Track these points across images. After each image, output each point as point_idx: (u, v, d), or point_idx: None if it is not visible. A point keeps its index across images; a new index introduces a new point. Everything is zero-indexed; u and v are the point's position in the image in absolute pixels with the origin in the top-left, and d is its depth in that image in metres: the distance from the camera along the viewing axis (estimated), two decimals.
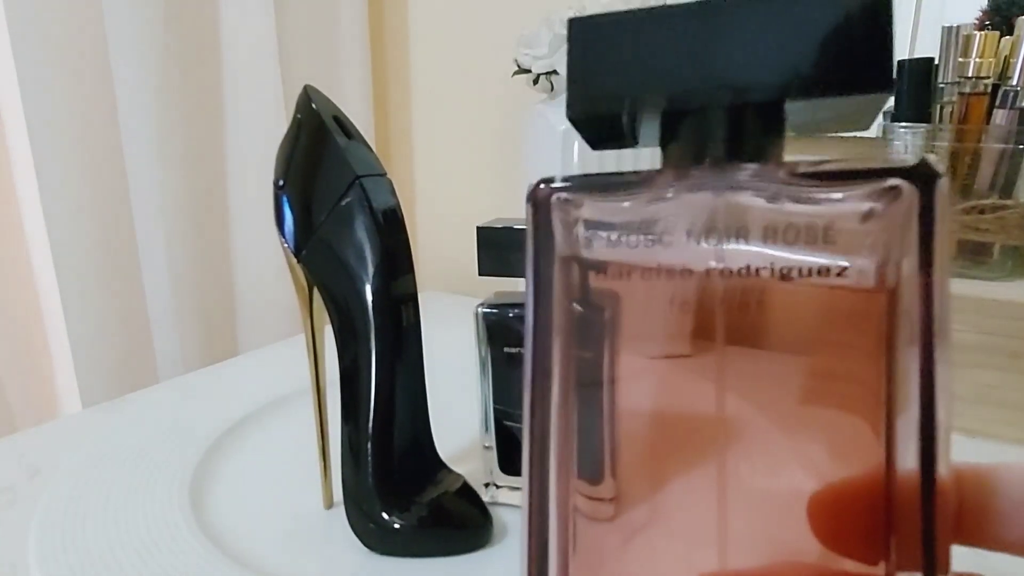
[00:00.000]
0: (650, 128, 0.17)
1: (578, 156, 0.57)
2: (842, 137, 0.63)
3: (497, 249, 0.36)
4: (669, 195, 0.16)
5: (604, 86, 0.16)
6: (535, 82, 0.69)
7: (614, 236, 0.16)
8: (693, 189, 0.16)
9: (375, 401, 0.34)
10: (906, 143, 0.52)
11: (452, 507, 0.36)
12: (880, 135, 0.59)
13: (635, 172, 0.16)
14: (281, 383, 0.55)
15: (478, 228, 0.36)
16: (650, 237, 0.16)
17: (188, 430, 0.47)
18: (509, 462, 0.38)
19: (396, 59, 0.92)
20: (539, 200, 0.16)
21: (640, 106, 0.16)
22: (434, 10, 0.88)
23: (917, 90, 0.54)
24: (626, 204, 0.16)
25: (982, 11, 0.60)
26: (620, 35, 0.15)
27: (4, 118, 0.84)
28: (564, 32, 0.60)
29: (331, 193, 0.33)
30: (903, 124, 0.52)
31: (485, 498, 0.39)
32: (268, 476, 0.43)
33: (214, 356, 0.81)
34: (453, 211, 0.91)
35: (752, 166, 0.15)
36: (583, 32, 0.16)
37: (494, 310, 0.37)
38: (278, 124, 0.78)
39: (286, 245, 0.34)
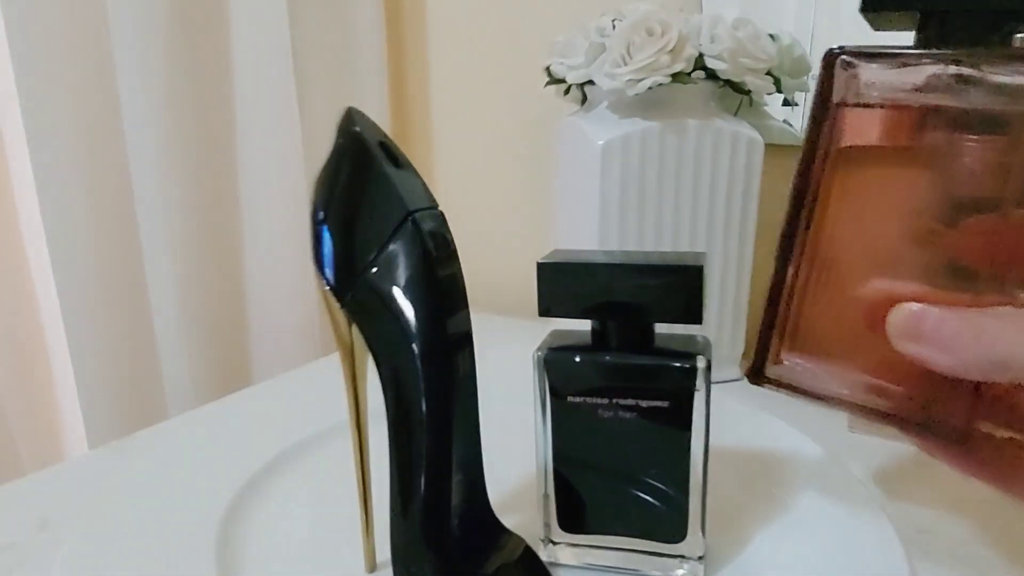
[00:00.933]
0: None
1: (620, 171, 0.53)
2: None
3: (561, 287, 0.32)
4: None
5: None
6: (566, 92, 0.65)
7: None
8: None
9: (427, 459, 0.30)
10: None
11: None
12: None
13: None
14: (307, 418, 0.51)
15: (539, 264, 0.32)
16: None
17: (210, 477, 0.44)
18: (570, 518, 0.35)
19: (415, 72, 0.88)
20: (827, 61, 0.27)
21: None
22: (455, 17, 0.84)
23: None
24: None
25: None
26: None
27: (2, 127, 0.80)
28: (601, 41, 0.57)
29: (380, 230, 0.29)
30: None
31: (542, 556, 0.35)
32: (301, 532, 0.39)
33: (226, 382, 0.77)
34: (480, 230, 0.88)
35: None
36: None
37: (556, 355, 0.33)
38: (292, 135, 0.74)
39: (327, 289, 0.30)
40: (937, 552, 0.37)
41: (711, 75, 0.54)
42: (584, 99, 0.64)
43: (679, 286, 0.31)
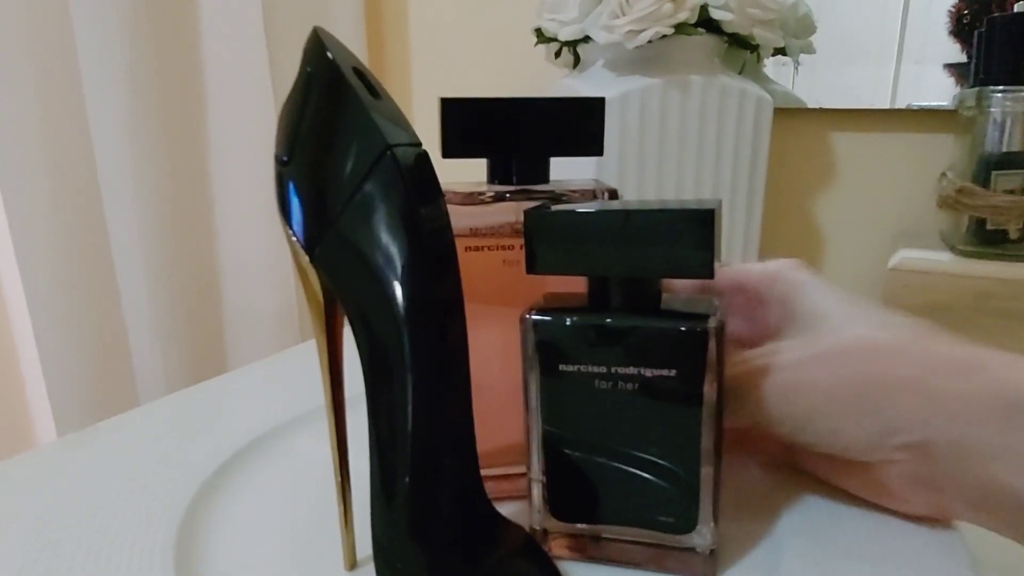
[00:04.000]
0: None
1: (619, 132, 0.49)
2: (917, 109, 0.56)
3: (554, 241, 0.28)
4: None
5: None
6: (557, 55, 0.61)
7: None
8: None
9: (412, 439, 0.26)
10: (1004, 110, 0.45)
11: (520, 572, 0.28)
12: (957, 105, 0.52)
13: None
14: (283, 406, 0.46)
15: (526, 213, 0.28)
16: None
17: (174, 469, 0.39)
18: (563, 505, 0.31)
19: (394, 36, 0.83)
20: None
21: None
22: None
23: (1010, 49, 0.47)
24: None
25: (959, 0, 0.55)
26: None
27: None
28: None
29: (354, 170, 0.25)
30: (1000, 88, 0.45)
31: None
32: (273, 528, 0.35)
33: (200, 370, 0.72)
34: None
35: None
36: None
37: (547, 317, 0.29)
38: (266, 105, 0.69)
39: (295, 239, 0.26)
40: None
41: (715, 29, 0.50)
42: (576, 62, 0.60)
43: (686, 233, 0.26)
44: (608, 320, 0.28)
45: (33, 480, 0.41)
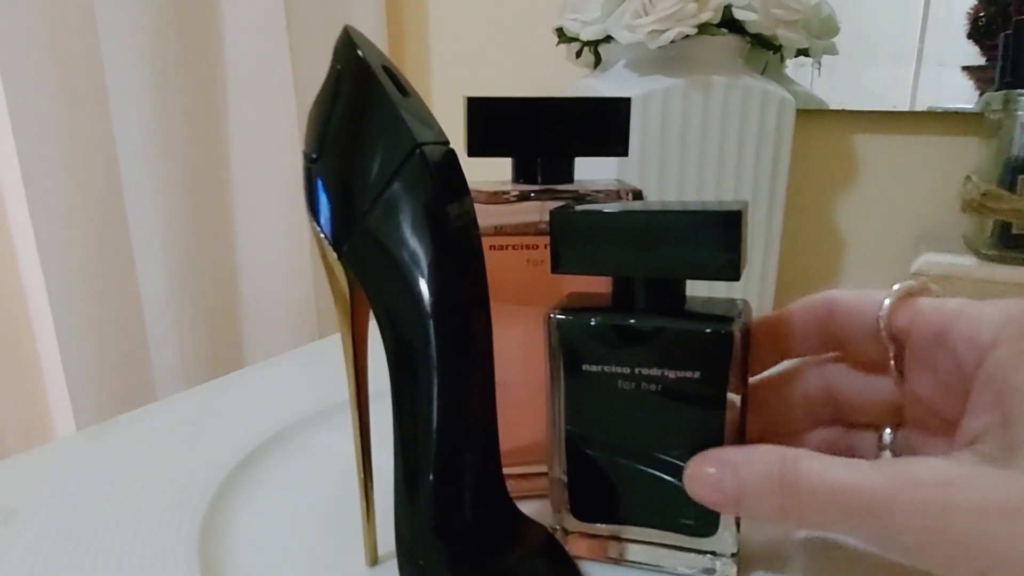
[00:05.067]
0: None
1: (640, 133, 0.49)
2: (941, 112, 0.56)
3: (579, 240, 0.28)
4: None
5: None
6: (578, 55, 0.61)
7: None
8: None
9: (437, 436, 0.26)
10: None
11: (541, 571, 0.28)
12: (982, 108, 0.52)
13: None
14: (302, 401, 0.47)
15: (551, 212, 0.28)
16: None
17: (194, 463, 0.40)
18: (584, 505, 0.31)
19: (414, 37, 0.84)
20: None
21: None
22: None
23: None
24: None
25: (978, 1, 0.54)
26: None
27: None
28: None
29: (384, 167, 0.25)
30: None
31: None
32: (296, 522, 0.35)
33: (217, 365, 0.73)
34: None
35: None
36: None
37: (570, 317, 0.29)
38: (285, 103, 0.70)
39: (322, 236, 0.26)
40: None
41: (737, 29, 0.50)
42: (597, 63, 0.60)
43: (712, 234, 0.26)
44: (632, 321, 0.28)
45: (56, 471, 0.41)
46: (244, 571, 0.31)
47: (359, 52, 0.25)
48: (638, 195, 0.34)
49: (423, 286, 0.25)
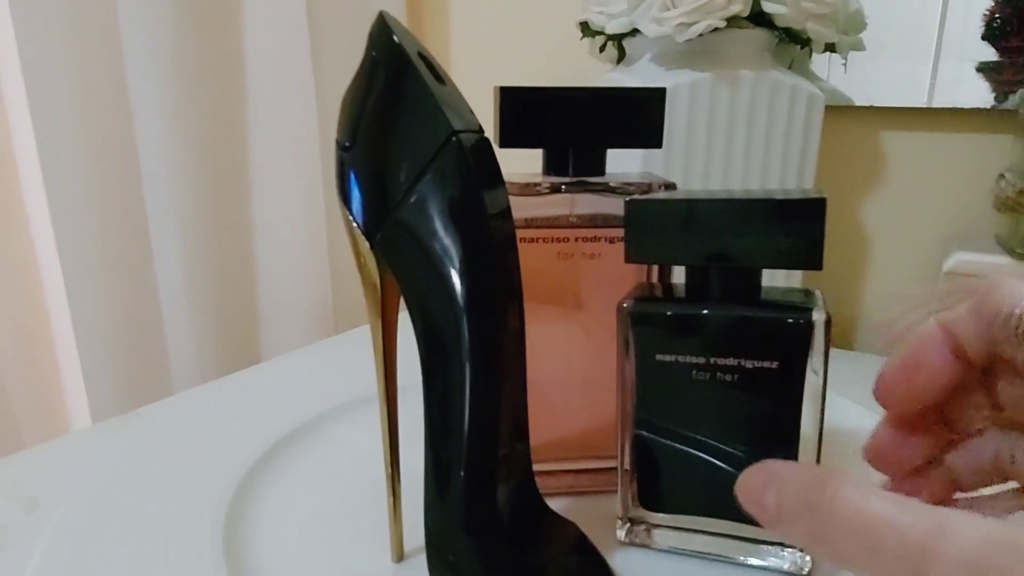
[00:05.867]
0: None
1: (667, 127, 0.48)
2: (971, 109, 0.55)
3: (651, 230, 0.28)
4: None
5: None
6: (601, 49, 0.60)
7: None
8: None
9: (470, 427, 0.26)
10: None
11: (572, 568, 0.27)
12: (1016, 105, 0.51)
13: None
14: (320, 396, 0.46)
15: (627, 201, 0.28)
16: None
17: (216, 456, 0.39)
18: (653, 495, 0.30)
19: (435, 28, 0.83)
20: None
21: None
22: None
23: None
24: None
25: (994, 3, 0.53)
26: None
27: (7, 107, 0.76)
28: None
29: (419, 155, 0.24)
30: None
31: (621, 536, 0.31)
32: (318, 516, 0.35)
33: (233, 360, 0.73)
34: None
35: None
36: None
37: (645, 306, 0.29)
38: (305, 99, 0.69)
39: (355, 225, 0.26)
40: None
41: (766, 22, 0.49)
42: (620, 57, 0.59)
43: (797, 222, 0.26)
44: (708, 310, 0.28)
45: (78, 463, 0.41)
46: (268, 564, 0.31)
47: (395, 39, 0.24)
48: (670, 188, 0.34)
49: (457, 277, 0.25)
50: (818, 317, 0.26)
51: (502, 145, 0.33)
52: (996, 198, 0.46)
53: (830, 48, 0.59)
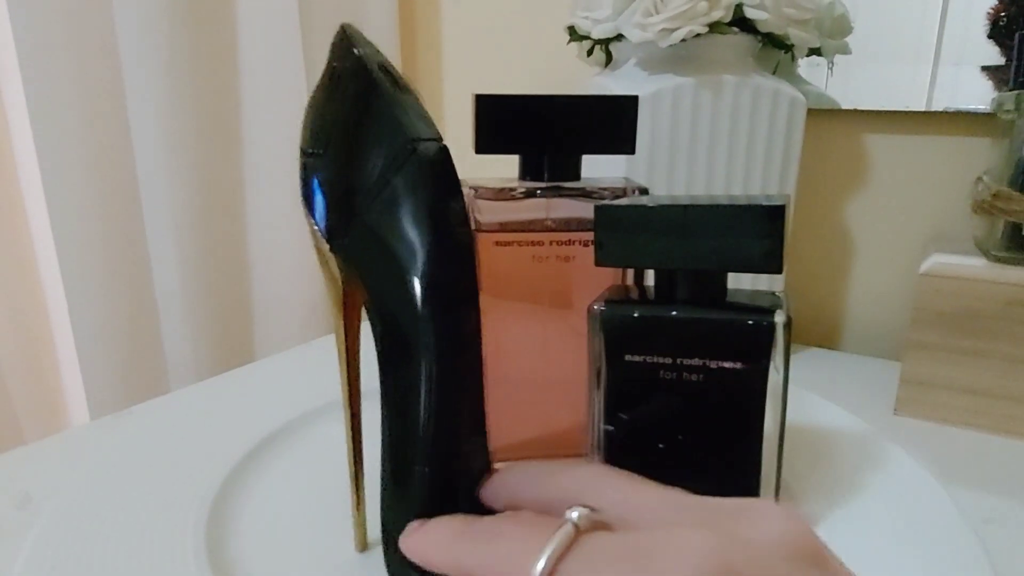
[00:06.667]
0: None
1: (650, 131, 0.49)
2: (953, 112, 0.55)
3: (620, 234, 0.29)
4: None
5: None
6: (589, 53, 0.61)
7: None
8: None
9: (429, 424, 0.26)
10: None
11: None
12: (995, 108, 0.51)
13: None
14: (310, 394, 0.47)
15: (596, 207, 0.29)
16: None
17: (204, 453, 0.40)
18: None
19: (426, 33, 0.84)
20: None
21: None
22: None
23: None
24: None
25: (998, 1, 0.53)
26: None
27: (6, 109, 0.77)
28: None
29: (381, 163, 0.25)
30: None
31: None
32: (295, 510, 0.36)
33: (228, 357, 0.74)
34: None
35: None
36: None
37: (614, 309, 0.30)
38: (299, 102, 0.70)
39: (316, 229, 0.27)
40: (1007, 541, 0.33)
41: (749, 28, 0.50)
42: (608, 61, 0.60)
43: (757, 227, 0.27)
44: (675, 312, 0.29)
45: (71, 459, 0.42)
46: (246, 556, 0.32)
47: (355, 50, 0.25)
48: (644, 192, 0.34)
49: (419, 278, 0.25)
50: (779, 319, 0.27)
51: (478, 151, 0.34)
52: (974, 201, 0.47)
53: (815, 52, 0.59)
